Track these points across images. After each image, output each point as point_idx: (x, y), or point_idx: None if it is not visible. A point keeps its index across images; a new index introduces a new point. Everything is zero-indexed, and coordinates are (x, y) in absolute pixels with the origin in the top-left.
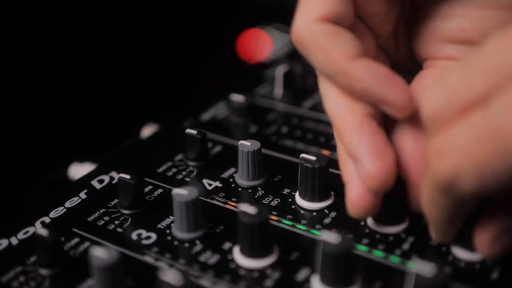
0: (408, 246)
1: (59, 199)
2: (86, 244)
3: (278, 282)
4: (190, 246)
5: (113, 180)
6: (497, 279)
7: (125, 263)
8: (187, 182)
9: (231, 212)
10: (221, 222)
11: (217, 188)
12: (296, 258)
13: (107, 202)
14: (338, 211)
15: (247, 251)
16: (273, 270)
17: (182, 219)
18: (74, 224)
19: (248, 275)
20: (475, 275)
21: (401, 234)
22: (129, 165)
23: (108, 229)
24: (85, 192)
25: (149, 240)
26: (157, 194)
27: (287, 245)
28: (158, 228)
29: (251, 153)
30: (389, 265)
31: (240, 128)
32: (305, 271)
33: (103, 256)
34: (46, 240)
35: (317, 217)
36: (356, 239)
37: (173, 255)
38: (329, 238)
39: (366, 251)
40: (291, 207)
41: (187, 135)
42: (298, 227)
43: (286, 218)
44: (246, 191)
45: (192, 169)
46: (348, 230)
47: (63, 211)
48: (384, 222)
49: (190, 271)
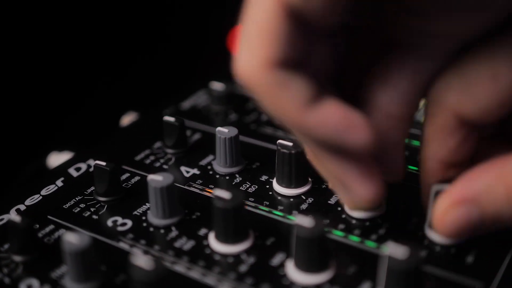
0: (384, 231)
1: (35, 187)
2: (61, 231)
3: (253, 267)
4: (166, 232)
5: (90, 168)
6: (472, 263)
7: (99, 250)
8: (165, 169)
9: (208, 199)
10: (197, 209)
11: (194, 176)
12: (271, 244)
13: (83, 190)
14: (315, 197)
15: (222, 237)
16: (248, 255)
17: (157, 205)
18: (49, 212)
19: (223, 260)
20: (450, 259)
21: (377, 219)
22: (107, 153)
23: (84, 216)
24: (62, 180)
25: (124, 226)
26: (134, 182)
27: (263, 231)
28: (134, 215)
29: (229, 139)
30: (364, 249)
31: (220, 116)
32: (280, 256)
33: (75, 241)
34: (19, 227)
35: (294, 203)
36: (332, 225)
37: (148, 241)
38: (303, 222)
39: (342, 236)
40: (268, 193)
41: (165, 122)
42: (274, 213)
43: (263, 204)
44: (223, 178)
45: (170, 157)
46: (325, 215)
47: (39, 199)
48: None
49: (165, 257)
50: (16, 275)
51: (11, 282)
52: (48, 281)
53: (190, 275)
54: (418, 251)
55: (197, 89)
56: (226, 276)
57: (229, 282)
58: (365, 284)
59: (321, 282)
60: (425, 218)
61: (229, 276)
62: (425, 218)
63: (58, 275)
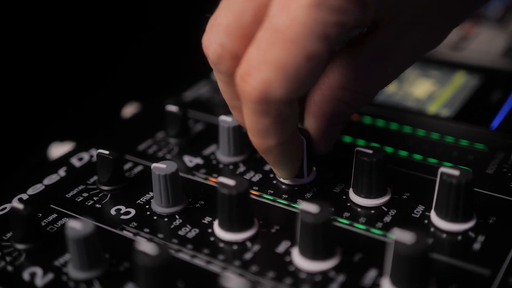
0: (389, 219)
1: (37, 176)
2: (64, 220)
3: (257, 254)
4: (169, 220)
5: (92, 157)
6: (479, 250)
7: (103, 238)
8: (168, 159)
9: (211, 188)
10: (201, 198)
11: (198, 165)
12: (276, 231)
13: (86, 179)
14: (319, 186)
15: (226, 224)
16: (252, 243)
17: (161, 193)
18: (52, 201)
19: (227, 248)
20: (457, 247)
21: (382, 207)
22: (109, 142)
23: (87, 205)
24: (64, 169)
25: (128, 215)
26: (137, 171)
27: (267, 219)
28: (137, 203)
29: (232, 128)
30: (370, 236)
31: (223, 107)
32: (285, 244)
33: (79, 227)
34: (22, 214)
35: (299, 192)
36: (337, 213)
37: (152, 229)
38: (308, 208)
39: (347, 224)
40: (272, 182)
41: (168, 112)
42: (279, 201)
43: (267, 193)
44: (227, 167)
45: (173, 147)
46: (329, 203)
47: (41, 188)
48: (366, 196)
49: (169, 244)
50: (19, 263)
51: (14, 270)
52: (52, 269)
53: (195, 263)
54: (425, 236)
55: (198, 79)
56: (231, 264)
57: (234, 270)
58: (371, 271)
59: (327, 269)
60: (431, 207)
61: (233, 264)
62: (430, 207)
63: (62, 263)
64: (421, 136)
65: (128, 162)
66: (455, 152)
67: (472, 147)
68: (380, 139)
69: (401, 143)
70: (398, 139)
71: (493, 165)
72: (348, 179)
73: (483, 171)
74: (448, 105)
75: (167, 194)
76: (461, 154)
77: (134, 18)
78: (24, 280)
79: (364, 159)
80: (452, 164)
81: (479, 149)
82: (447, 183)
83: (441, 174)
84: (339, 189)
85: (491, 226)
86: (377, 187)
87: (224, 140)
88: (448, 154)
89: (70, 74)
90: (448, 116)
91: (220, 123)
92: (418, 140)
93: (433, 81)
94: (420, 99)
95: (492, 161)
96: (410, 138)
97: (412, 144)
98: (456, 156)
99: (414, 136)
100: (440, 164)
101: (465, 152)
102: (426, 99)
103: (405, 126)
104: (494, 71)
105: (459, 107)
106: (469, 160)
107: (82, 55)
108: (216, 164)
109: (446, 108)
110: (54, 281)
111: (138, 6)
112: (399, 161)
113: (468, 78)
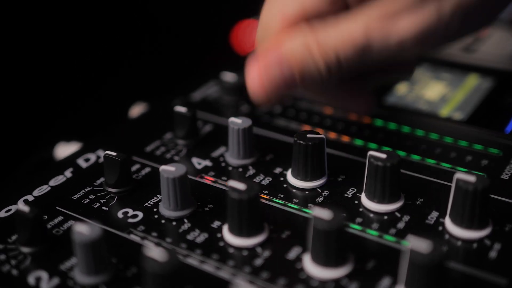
0: (402, 225)
1: (43, 177)
2: (70, 222)
3: (268, 260)
4: (178, 224)
5: (99, 158)
6: (495, 258)
7: (109, 241)
8: (176, 161)
9: (221, 191)
10: (210, 201)
11: (206, 167)
12: (287, 237)
13: (93, 181)
14: (331, 190)
15: (236, 229)
16: (263, 249)
17: (169, 197)
18: (58, 203)
19: (237, 254)
20: (473, 255)
21: (395, 213)
22: (116, 143)
23: (93, 207)
24: (71, 170)
25: (135, 218)
26: (144, 173)
27: (278, 224)
28: (145, 206)
29: (242, 130)
30: (383, 244)
31: (232, 108)
32: (297, 250)
33: (86, 231)
34: (27, 217)
35: (310, 196)
36: (349, 218)
37: (160, 233)
38: (320, 214)
39: (359, 230)
40: (282, 186)
41: (176, 113)
42: (289, 205)
43: (278, 197)
44: (236, 170)
45: (181, 148)
46: (341, 209)
47: (47, 190)
48: (379, 201)
49: (177, 249)
50: (24, 267)
51: (19, 274)
52: (57, 273)
53: (204, 268)
54: (440, 245)
55: (206, 80)
56: (241, 270)
57: (244, 276)
58: (385, 279)
59: (340, 277)
60: (445, 213)
61: (243, 270)
62: (445, 213)
63: (68, 267)
64: (434, 140)
65: (135, 163)
66: (469, 157)
67: (486, 151)
68: (392, 143)
69: (414, 146)
70: (410, 142)
71: (508, 171)
72: (359, 183)
73: (498, 177)
74: (461, 108)
75: (175, 197)
76: (475, 159)
77: (142, 18)
78: (29, 284)
79: (378, 163)
80: (466, 170)
81: (494, 154)
82: (463, 189)
83: (456, 180)
84: (351, 194)
85: (508, 233)
86: (391, 192)
87: (234, 142)
88: (462, 159)
89: (76, 73)
90: (461, 119)
91: (229, 124)
92: (431, 144)
93: (445, 83)
94: (432, 102)
95: (507, 166)
96: (423, 142)
97: (425, 148)
98: (470, 161)
99: (427, 139)
100: (454, 169)
101: (479, 157)
102: (438, 101)
103: (418, 130)
104: (507, 73)
105: (472, 110)
106: (483, 165)
107: (89, 54)
108: (225, 166)
109: (459, 111)
110: (60, 285)
111: (147, 6)
112: (412, 165)
113: (481, 80)
